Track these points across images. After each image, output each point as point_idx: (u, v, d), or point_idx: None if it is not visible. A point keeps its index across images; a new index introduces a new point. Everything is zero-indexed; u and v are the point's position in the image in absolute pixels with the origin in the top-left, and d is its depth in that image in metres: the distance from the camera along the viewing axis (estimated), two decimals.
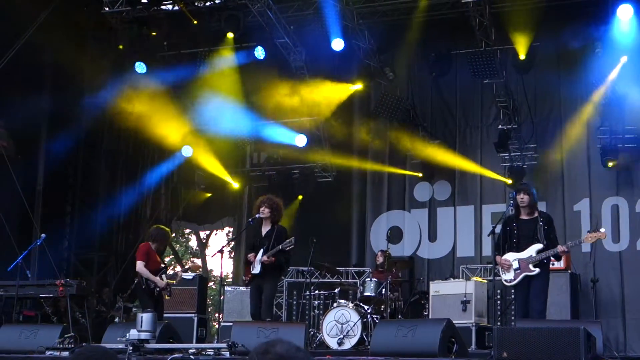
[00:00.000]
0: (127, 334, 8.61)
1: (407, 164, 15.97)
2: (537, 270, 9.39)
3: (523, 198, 9.59)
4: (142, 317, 8.68)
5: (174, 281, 11.18)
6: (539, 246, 9.42)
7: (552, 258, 9.59)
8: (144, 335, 8.63)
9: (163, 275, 10.85)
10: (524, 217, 9.64)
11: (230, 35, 15.01)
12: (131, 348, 8.34)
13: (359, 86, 15.45)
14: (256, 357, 2.98)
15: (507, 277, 9.56)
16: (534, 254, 9.40)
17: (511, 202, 9.78)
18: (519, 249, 9.50)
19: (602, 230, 9.75)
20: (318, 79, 15.42)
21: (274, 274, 10.66)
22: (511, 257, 9.52)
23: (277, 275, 10.84)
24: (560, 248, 9.37)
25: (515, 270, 9.48)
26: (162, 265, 11.00)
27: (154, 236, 11.01)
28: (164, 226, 11.72)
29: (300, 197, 16.24)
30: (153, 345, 8.93)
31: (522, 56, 13.91)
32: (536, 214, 9.68)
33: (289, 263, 10.99)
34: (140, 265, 10.65)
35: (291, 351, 2.96)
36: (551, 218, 9.87)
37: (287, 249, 10.41)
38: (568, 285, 12.32)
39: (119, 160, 17.56)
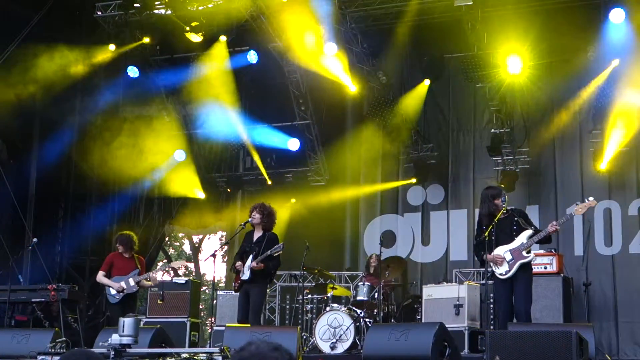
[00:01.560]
0: (109, 339, 8.64)
1: (400, 168, 15.97)
2: (531, 255, 9.43)
3: (503, 201, 9.57)
4: (124, 321, 8.70)
5: (148, 284, 11.29)
6: (529, 232, 9.46)
7: (535, 252, 9.64)
8: (125, 340, 8.63)
9: (130, 279, 10.96)
10: (500, 216, 9.59)
11: (223, 38, 15.01)
12: (113, 353, 8.35)
13: (353, 88, 15.38)
14: (234, 354, 3.02)
15: (501, 270, 9.50)
16: (525, 241, 9.43)
17: (503, 204, 9.74)
18: (498, 245, 9.46)
19: (591, 199, 9.64)
20: (310, 83, 15.42)
21: (262, 281, 10.65)
22: (502, 250, 9.49)
23: (266, 282, 10.82)
24: (550, 227, 9.34)
25: (509, 261, 9.46)
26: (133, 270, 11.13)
27: (118, 243, 11.41)
28: (128, 231, 11.90)
29: (292, 200, 16.23)
30: (145, 350, 8.92)
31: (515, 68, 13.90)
32: (509, 213, 9.67)
33: (276, 269, 10.94)
34: (98, 276, 11.15)
35: (264, 350, 2.98)
36: (524, 211, 10.02)
37: (276, 254, 10.41)
38: (560, 289, 12.31)
39: (111, 164, 17.51)
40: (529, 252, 9.45)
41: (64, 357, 3.65)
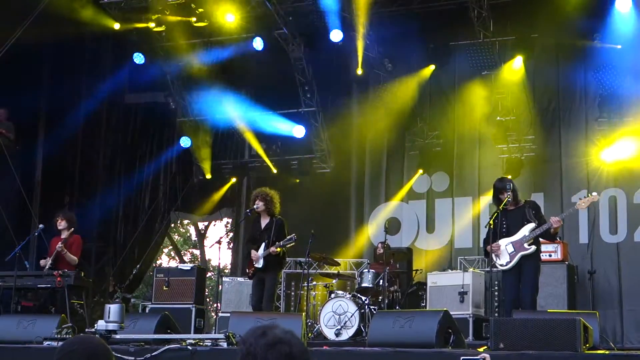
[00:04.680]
0: (96, 325, 8.70)
1: (406, 156, 15.96)
2: (533, 247, 9.52)
3: (508, 195, 9.66)
4: (109, 308, 8.74)
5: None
6: (532, 225, 9.56)
7: (542, 240, 9.75)
8: (111, 326, 8.67)
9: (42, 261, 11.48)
10: (510, 207, 9.75)
11: (230, 19, 14.79)
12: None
13: (359, 72, 15.33)
14: (253, 340, 3.02)
15: (502, 260, 9.62)
16: (527, 234, 9.53)
17: (508, 191, 9.78)
18: (509, 235, 9.62)
19: (594, 194, 9.80)
20: (316, 70, 15.41)
21: (275, 269, 11.00)
22: (503, 242, 9.62)
23: (279, 268, 11.13)
24: (553, 219, 9.44)
25: (510, 253, 9.57)
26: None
27: (62, 218, 11.78)
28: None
29: (297, 180, 16.24)
30: (150, 336, 8.96)
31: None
32: (522, 203, 9.83)
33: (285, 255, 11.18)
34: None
35: (288, 334, 3.01)
36: (537, 204, 10.06)
37: (288, 246, 10.63)
38: (565, 277, 12.33)
39: (117, 151, 17.58)
40: (530, 245, 9.53)
41: (67, 342, 3.67)
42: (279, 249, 10.64)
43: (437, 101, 15.87)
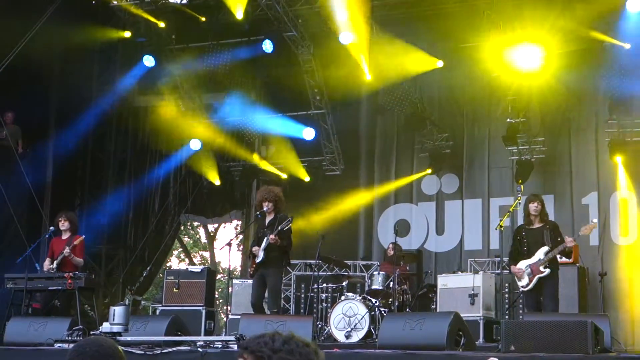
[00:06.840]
0: (100, 327, 8.71)
1: (415, 157, 15.96)
2: (548, 270, 9.95)
3: (537, 207, 10.19)
4: (114, 310, 8.74)
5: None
6: (546, 248, 10.00)
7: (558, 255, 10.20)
8: (116, 328, 8.68)
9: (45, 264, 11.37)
10: (533, 225, 10.23)
11: (239, 16, 14.78)
12: None
13: (369, 77, 15.34)
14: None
15: (523, 282, 10.09)
16: (542, 257, 9.97)
17: (518, 194, 9.94)
18: (530, 255, 10.08)
19: (595, 220, 10.96)
20: (326, 73, 15.42)
21: (277, 263, 10.58)
22: (523, 264, 10.07)
23: (281, 264, 10.75)
24: (567, 239, 9.97)
25: (529, 275, 10.01)
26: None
27: (65, 219, 11.62)
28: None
29: (307, 182, 16.23)
30: (161, 338, 8.98)
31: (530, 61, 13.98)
32: (544, 223, 10.25)
33: (290, 248, 10.86)
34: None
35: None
36: (557, 225, 10.44)
37: (286, 228, 10.37)
38: (576, 279, 12.33)
39: (127, 153, 17.61)
40: (545, 267, 9.95)
41: (78, 344, 3.67)
42: (278, 238, 10.38)
43: (447, 103, 15.87)
